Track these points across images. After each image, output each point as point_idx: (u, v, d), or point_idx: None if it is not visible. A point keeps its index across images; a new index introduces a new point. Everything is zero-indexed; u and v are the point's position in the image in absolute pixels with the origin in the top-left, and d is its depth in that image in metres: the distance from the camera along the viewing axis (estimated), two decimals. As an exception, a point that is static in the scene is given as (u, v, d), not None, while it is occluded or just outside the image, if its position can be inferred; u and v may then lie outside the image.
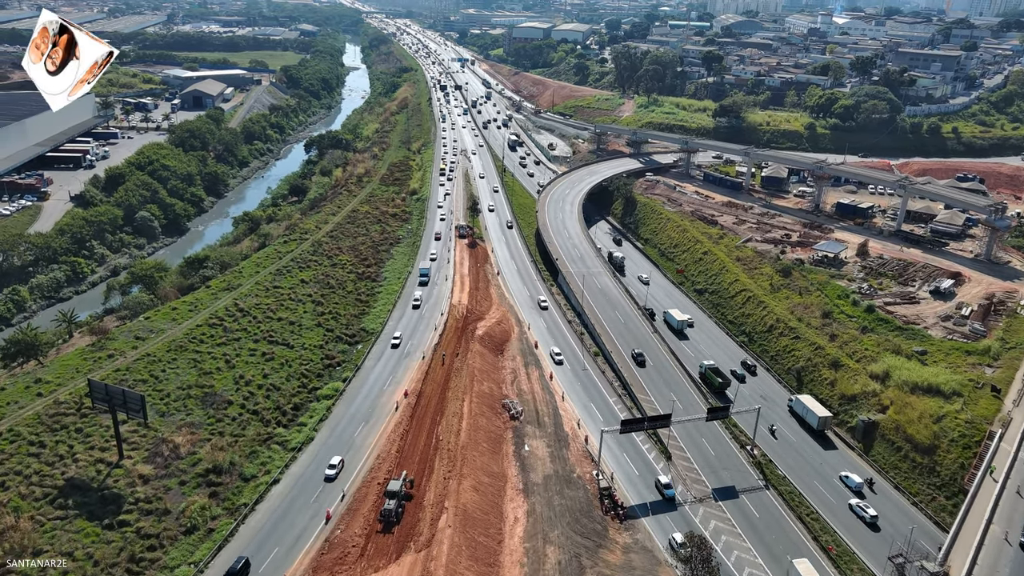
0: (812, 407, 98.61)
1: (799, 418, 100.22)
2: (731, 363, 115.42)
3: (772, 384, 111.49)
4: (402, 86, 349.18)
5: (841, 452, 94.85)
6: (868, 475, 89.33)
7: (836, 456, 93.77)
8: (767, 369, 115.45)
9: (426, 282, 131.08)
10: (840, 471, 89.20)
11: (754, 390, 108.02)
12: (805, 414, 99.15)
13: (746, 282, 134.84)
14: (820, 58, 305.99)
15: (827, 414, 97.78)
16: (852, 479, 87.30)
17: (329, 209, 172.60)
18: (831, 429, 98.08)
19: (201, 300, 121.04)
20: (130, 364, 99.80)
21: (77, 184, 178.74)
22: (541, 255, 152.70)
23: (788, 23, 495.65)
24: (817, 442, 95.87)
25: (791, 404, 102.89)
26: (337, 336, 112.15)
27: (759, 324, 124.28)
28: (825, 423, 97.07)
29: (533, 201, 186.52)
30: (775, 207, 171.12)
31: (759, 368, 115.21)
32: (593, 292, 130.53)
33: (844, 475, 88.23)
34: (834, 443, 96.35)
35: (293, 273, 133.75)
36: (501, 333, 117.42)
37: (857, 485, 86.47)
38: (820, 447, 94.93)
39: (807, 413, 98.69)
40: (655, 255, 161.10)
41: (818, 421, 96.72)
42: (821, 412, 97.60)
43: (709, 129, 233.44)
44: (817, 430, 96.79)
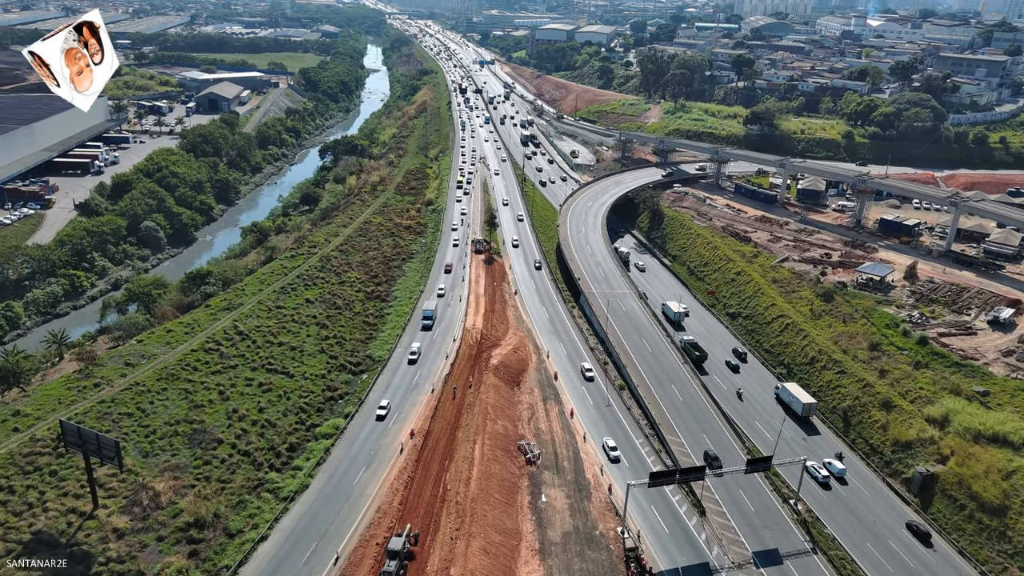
0: (797, 394, 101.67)
1: (785, 405, 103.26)
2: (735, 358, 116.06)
3: (762, 372, 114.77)
4: (422, 89, 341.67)
5: (824, 437, 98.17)
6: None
7: (820, 440, 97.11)
8: (758, 358, 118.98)
9: (430, 326, 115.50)
10: (823, 457, 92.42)
11: (745, 380, 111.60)
12: (791, 401, 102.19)
13: (783, 307, 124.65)
14: (856, 62, 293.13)
15: (811, 401, 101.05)
16: (835, 465, 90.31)
17: (340, 220, 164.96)
18: (815, 415, 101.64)
19: (199, 321, 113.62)
20: (116, 394, 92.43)
21: (83, 191, 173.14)
22: (562, 272, 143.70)
23: (819, 25, 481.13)
24: (802, 428, 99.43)
25: (777, 392, 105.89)
26: (341, 364, 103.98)
27: (799, 355, 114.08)
28: (809, 409, 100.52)
29: (554, 213, 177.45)
30: (812, 223, 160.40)
31: (749, 356, 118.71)
32: (618, 316, 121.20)
33: (827, 462, 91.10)
34: (817, 428, 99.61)
35: (298, 291, 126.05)
36: (518, 362, 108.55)
37: (840, 471, 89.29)
38: (804, 432, 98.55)
39: (792, 400, 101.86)
40: (683, 273, 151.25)
41: (802, 408, 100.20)
42: (805, 399, 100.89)
43: (740, 137, 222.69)
44: (802, 416, 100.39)
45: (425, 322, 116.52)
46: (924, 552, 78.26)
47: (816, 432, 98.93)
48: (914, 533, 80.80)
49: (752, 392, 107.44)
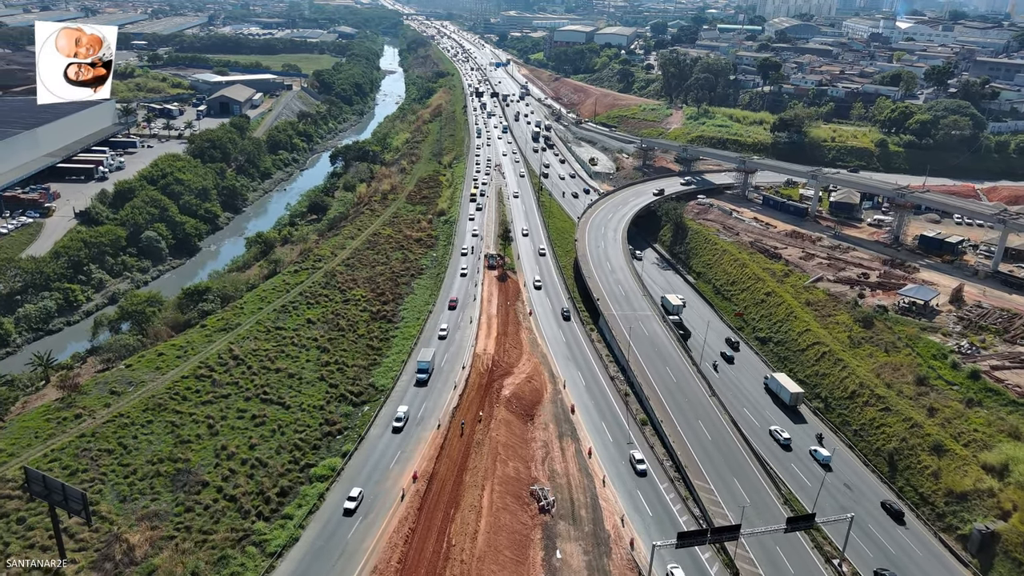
0: (785, 384, 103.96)
1: (773, 395, 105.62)
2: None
3: (755, 360, 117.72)
4: (437, 92, 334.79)
5: (810, 425, 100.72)
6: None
7: (806, 429, 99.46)
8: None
9: (425, 380, 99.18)
10: (809, 444, 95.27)
11: (737, 371, 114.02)
12: (779, 391, 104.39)
13: (819, 333, 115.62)
14: (888, 66, 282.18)
15: (799, 390, 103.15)
16: (820, 453, 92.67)
17: (348, 231, 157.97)
18: (803, 404, 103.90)
19: (193, 343, 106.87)
20: (98, 427, 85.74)
21: (85, 199, 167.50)
22: (579, 289, 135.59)
23: (846, 27, 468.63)
24: (789, 416, 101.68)
25: (766, 382, 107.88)
26: (341, 394, 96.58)
27: (838, 387, 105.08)
28: (797, 399, 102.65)
29: (572, 224, 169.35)
30: (847, 239, 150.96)
31: (742, 345, 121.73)
32: (640, 341, 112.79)
33: (813, 449, 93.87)
34: (804, 417, 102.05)
35: (300, 310, 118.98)
36: (532, 393, 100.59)
37: (825, 458, 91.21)
38: (791, 421, 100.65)
39: (780, 390, 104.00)
40: (709, 292, 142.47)
41: (790, 397, 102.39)
42: (793, 388, 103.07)
43: (767, 145, 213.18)
44: (790, 405, 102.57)
45: (420, 376, 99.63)
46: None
47: (803, 420, 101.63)
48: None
49: (743, 381, 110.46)
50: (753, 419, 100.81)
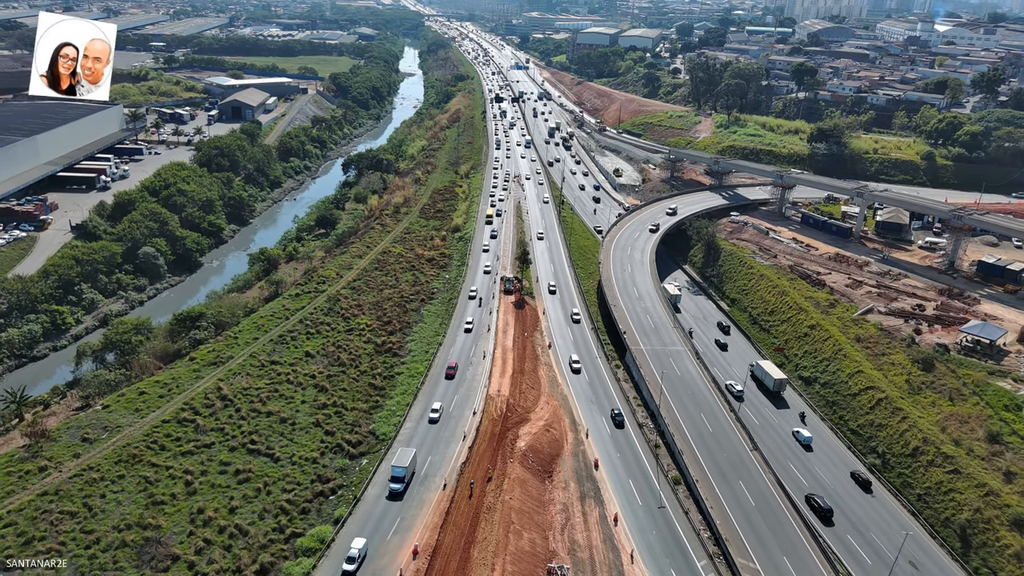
0: (770, 371, 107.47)
1: (758, 381, 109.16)
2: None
3: (745, 347, 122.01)
4: (456, 96, 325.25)
5: (792, 411, 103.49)
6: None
7: (788, 414, 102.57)
8: (741, 331, 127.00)
9: (399, 492, 76.89)
10: (792, 427, 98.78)
11: (729, 355, 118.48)
12: (763, 377, 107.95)
13: (872, 375, 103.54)
14: (930, 72, 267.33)
15: (782, 377, 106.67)
16: (802, 434, 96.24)
17: (356, 249, 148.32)
18: (785, 390, 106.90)
19: (179, 380, 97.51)
20: (64, 483, 76.46)
21: (84, 210, 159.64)
22: (603, 316, 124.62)
23: (880, 30, 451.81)
24: (772, 402, 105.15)
25: (752, 369, 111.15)
26: (338, 444, 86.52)
27: (896, 442, 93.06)
28: (780, 385, 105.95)
29: (595, 242, 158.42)
30: (896, 263, 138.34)
31: (732, 329, 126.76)
32: (672, 382, 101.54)
33: (795, 431, 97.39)
34: (787, 403, 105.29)
35: (298, 341, 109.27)
36: (550, 444, 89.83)
37: (807, 439, 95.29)
38: (774, 406, 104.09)
39: (765, 376, 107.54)
40: (745, 322, 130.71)
41: (774, 383, 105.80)
42: (777, 375, 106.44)
43: (803, 156, 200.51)
44: (773, 391, 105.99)
45: (393, 486, 77.17)
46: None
47: (786, 406, 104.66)
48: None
49: (733, 367, 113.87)
50: (801, 478, 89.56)
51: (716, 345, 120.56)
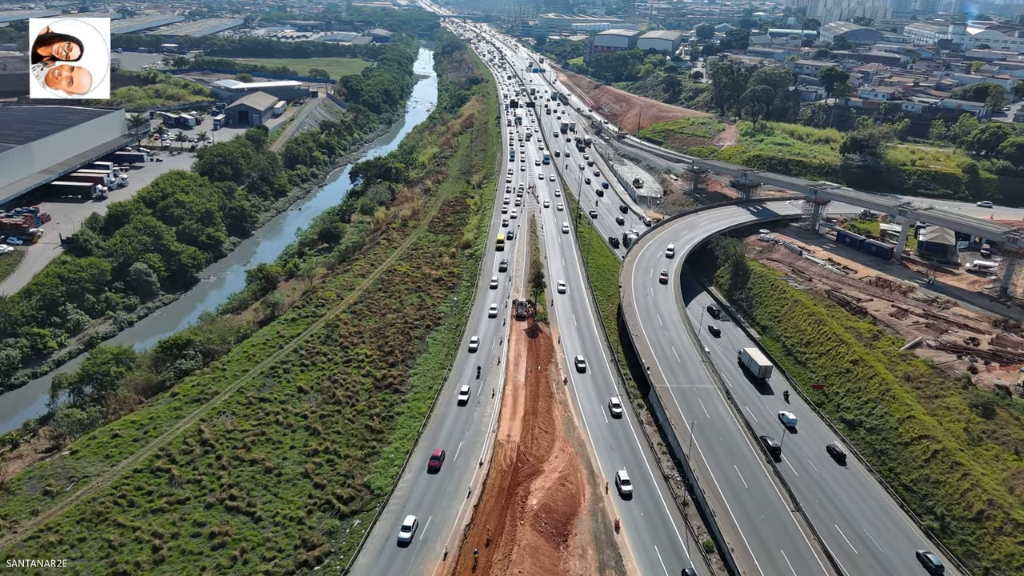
0: (756, 358, 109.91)
1: (745, 367, 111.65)
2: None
3: (738, 334, 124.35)
4: (470, 100, 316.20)
5: (776, 396, 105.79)
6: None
7: (772, 399, 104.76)
8: (731, 315, 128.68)
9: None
10: (775, 411, 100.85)
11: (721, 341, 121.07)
12: (749, 364, 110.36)
13: (926, 422, 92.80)
14: (968, 78, 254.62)
15: (767, 363, 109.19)
16: (787, 416, 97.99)
17: (360, 266, 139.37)
18: (769, 376, 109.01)
19: (158, 419, 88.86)
20: (16, 547, 67.93)
21: (77, 222, 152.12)
22: (623, 345, 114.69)
23: (908, 33, 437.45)
24: (756, 387, 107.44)
25: (740, 356, 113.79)
26: (327, 500, 77.23)
27: (957, 503, 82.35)
28: (765, 371, 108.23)
29: (614, 260, 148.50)
30: (942, 288, 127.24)
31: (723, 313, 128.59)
32: (701, 427, 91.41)
33: (781, 413, 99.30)
34: (771, 389, 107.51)
35: (291, 374, 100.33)
36: (566, 501, 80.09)
37: (791, 421, 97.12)
38: (758, 391, 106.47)
39: (751, 363, 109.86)
40: (778, 352, 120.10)
41: (759, 369, 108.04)
42: (762, 362, 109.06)
43: (835, 168, 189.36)
44: (758, 377, 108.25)
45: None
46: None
47: (770, 392, 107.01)
48: None
49: (723, 354, 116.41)
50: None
51: (710, 332, 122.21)
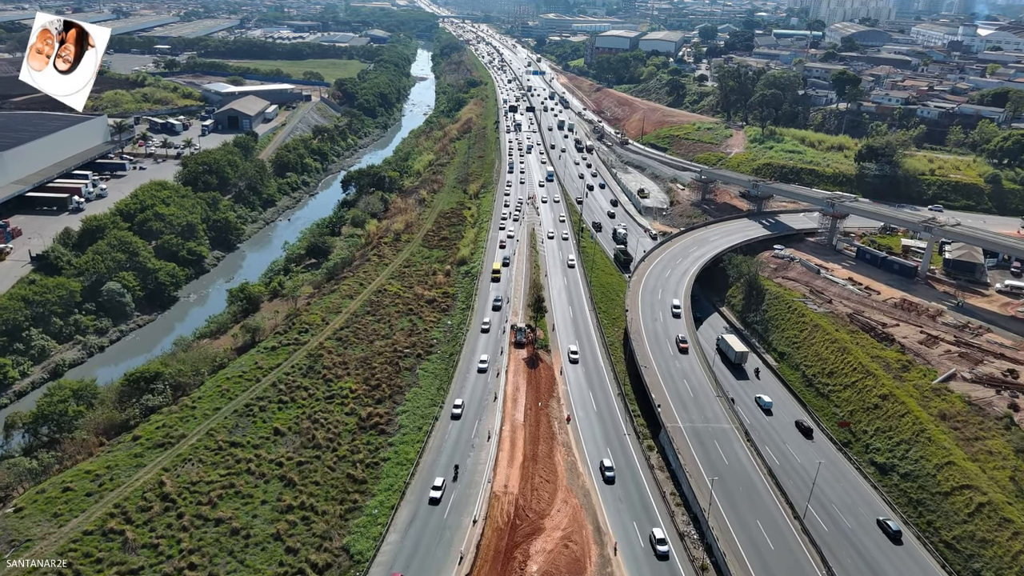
0: (732, 344, 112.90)
1: (722, 353, 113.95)
2: None
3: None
4: (468, 103, 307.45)
5: (751, 381, 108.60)
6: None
7: (747, 384, 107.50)
8: (745, 340, 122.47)
9: None
10: (751, 394, 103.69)
11: None
12: (727, 350, 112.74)
13: (968, 469, 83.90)
14: (985, 82, 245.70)
15: (744, 349, 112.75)
16: (763, 399, 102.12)
17: (348, 286, 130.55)
18: (745, 362, 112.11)
19: (116, 467, 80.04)
20: (-61, 633, 58.98)
21: (50, 237, 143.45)
22: (632, 379, 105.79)
23: (916, 34, 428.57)
24: (733, 373, 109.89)
25: (718, 342, 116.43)
26: (300, 568, 68.28)
27: (1008, 567, 73.41)
28: (741, 357, 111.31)
29: (619, 279, 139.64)
30: (973, 311, 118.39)
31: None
32: (720, 474, 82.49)
33: (757, 396, 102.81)
34: (746, 374, 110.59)
35: (268, 412, 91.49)
36: (570, 566, 71.09)
37: (767, 404, 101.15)
38: (735, 376, 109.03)
39: (728, 349, 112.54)
40: (797, 383, 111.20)
41: (735, 355, 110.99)
42: (738, 348, 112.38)
43: (850, 177, 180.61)
44: (734, 363, 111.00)
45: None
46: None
47: (745, 377, 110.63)
48: None
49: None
50: None
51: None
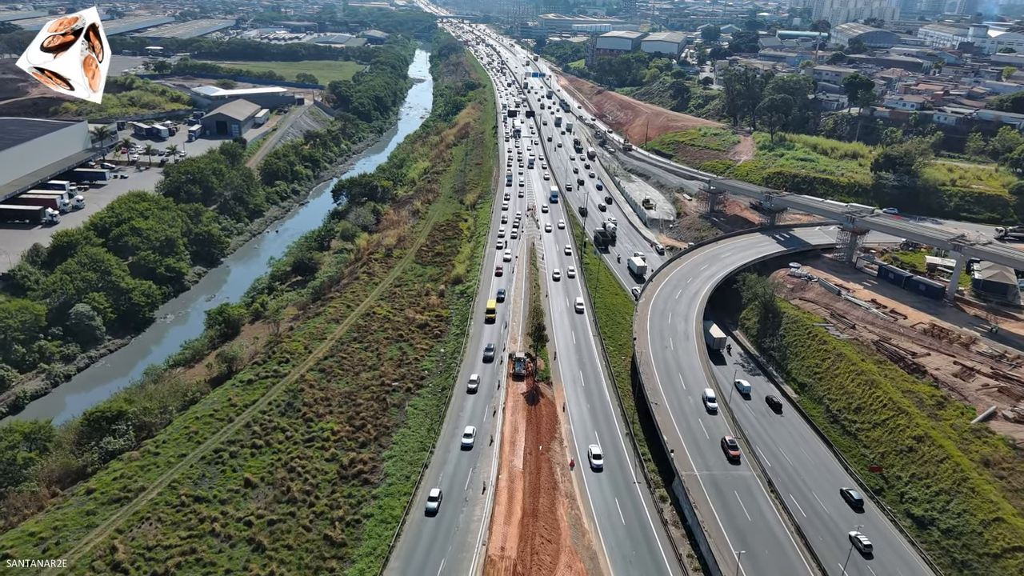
0: (712, 332, 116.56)
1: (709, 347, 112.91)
2: None
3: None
4: (466, 107, 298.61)
5: (729, 367, 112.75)
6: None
7: (726, 369, 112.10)
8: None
9: None
10: (730, 380, 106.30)
11: None
12: (706, 336, 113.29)
13: (1018, 527, 74.93)
14: (1001, 86, 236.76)
15: (722, 335, 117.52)
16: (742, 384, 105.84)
17: (335, 308, 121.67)
18: (724, 348, 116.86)
19: (64, 529, 71.15)
20: None
21: (18, 254, 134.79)
22: (641, 416, 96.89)
23: (925, 35, 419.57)
24: (712, 359, 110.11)
25: (706, 337, 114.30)
26: (264, 657, 59.55)
27: (1074, 648, 64.61)
28: (720, 343, 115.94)
29: (625, 299, 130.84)
30: (1008, 339, 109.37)
31: None
32: (742, 532, 73.60)
33: (737, 382, 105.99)
34: (724, 360, 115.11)
35: (239, 459, 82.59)
36: (575, 651, 62.26)
37: (746, 388, 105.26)
38: (713, 362, 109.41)
39: (706, 335, 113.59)
40: (821, 419, 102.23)
41: (714, 341, 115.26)
42: (717, 334, 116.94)
43: (867, 187, 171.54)
44: (714, 349, 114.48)
45: None
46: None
47: (723, 362, 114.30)
48: None
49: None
50: None
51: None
